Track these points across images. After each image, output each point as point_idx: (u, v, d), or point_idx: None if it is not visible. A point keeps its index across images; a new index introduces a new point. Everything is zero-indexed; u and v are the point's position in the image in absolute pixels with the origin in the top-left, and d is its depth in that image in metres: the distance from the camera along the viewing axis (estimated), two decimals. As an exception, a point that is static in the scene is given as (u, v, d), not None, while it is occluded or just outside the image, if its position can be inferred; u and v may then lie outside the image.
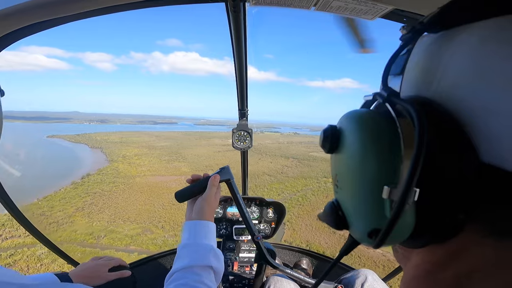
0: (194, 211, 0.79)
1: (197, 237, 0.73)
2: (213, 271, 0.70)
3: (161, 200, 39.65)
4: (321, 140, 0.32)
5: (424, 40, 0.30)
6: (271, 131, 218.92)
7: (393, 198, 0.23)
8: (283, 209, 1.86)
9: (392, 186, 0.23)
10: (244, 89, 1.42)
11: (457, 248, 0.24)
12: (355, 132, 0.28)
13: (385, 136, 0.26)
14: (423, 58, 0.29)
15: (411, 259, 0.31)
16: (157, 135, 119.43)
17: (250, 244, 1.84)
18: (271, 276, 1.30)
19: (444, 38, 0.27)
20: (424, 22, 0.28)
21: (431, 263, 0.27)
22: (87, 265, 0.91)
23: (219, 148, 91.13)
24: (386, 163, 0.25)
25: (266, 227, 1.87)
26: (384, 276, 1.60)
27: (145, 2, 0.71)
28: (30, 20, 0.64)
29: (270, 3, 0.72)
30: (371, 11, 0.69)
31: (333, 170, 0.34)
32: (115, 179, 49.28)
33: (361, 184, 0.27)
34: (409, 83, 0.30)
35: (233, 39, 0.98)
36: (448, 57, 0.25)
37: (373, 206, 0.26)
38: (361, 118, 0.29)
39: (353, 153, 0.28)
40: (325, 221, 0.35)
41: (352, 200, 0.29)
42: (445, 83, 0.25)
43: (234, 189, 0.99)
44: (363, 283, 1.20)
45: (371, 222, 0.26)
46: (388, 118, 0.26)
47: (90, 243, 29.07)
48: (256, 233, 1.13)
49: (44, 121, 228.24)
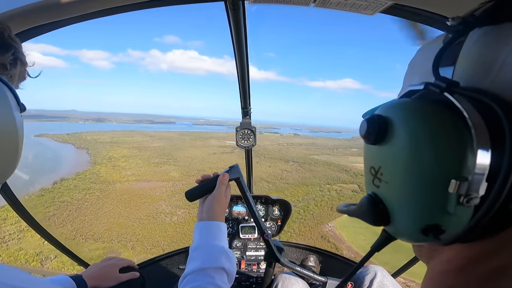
0: (205, 210, 0.80)
1: (209, 238, 0.74)
2: (226, 273, 0.70)
3: (139, 212, 34.21)
4: (364, 130, 0.31)
5: (473, 32, 0.29)
6: (271, 131, 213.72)
7: (461, 193, 0.22)
8: (289, 207, 1.85)
9: (462, 179, 0.22)
10: (247, 87, 1.41)
11: (498, 243, 0.24)
12: (410, 122, 0.26)
13: (449, 127, 0.24)
14: (477, 50, 0.28)
15: (443, 253, 0.29)
16: (152, 135, 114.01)
17: (256, 243, 1.83)
18: (279, 274, 1.30)
19: (498, 32, 0.26)
20: (476, 15, 0.27)
21: (467, 258, 0.26)
22: (99, 266, 0.93)
23: (215, 149, 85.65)
24: (452, 155, 0.23)
25: (272, 225, 1.87)
26: (393, 272, 1.59)
27: (147, 2, 0.72)
28: (35, 22, 0.66)
29: (269, 1, 0.72)
30: (371, 6, 0.68)
31: (373, 163, 0.32)
32: (91, 185, 43.76)
33: (418, 177, 0.25)
34: (461, 74, 0.29)
35: (233, 37, 0.99)
36: (508, 51, 0.24)
37: (433, 201, 0.24)
38: (415, 107, 0.27)
39: (407, 145, 0.26)
40: (360, 216, 0.33)
41: (402, 194, 0.28)
42: (504, 75, 0.24)
43: (243, 188, 1.00)
44: (373, 279, 1.19)
45: (428, 218, 0.25)
46: (448, 108, 0.25)
47: (33, 267, 23.19)
48: (266, 231, 1.13)
49: (39, 120, 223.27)
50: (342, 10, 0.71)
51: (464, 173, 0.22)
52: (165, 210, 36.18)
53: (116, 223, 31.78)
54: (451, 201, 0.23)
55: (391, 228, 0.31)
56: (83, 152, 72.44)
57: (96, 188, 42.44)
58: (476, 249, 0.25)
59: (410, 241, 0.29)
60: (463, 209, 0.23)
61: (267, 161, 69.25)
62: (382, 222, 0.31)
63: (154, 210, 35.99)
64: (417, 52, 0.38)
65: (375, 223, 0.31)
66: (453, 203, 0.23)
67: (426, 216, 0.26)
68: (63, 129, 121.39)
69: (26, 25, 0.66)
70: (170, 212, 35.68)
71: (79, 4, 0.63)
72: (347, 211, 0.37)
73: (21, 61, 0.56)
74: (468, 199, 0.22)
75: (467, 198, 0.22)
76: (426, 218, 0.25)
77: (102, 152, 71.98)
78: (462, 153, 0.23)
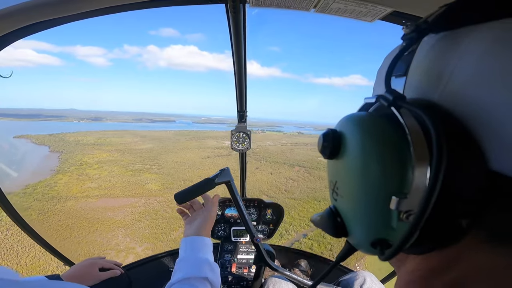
0: (193, 227, 0.85)
1: (193, 251, 0.79)
2: (209, 283, 0.74)
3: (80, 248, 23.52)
4: (320, 145, 0.31)
5: (427, 40, 0.28)
6: (274, 130, 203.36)
7: (401, 209, 0.22)
8: (282, 211, 1.83)
9: (401, 196, 0.22)
10: (243, 90, 1.42)
11: (454, 254, 0.24)
12: (358, 137, 0.27)
13: (392, 142, 0.24)
14: (428, 59, 0.27)
15: (406, 264, 0.30)
16: (144, 135, 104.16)
17: (248, 246, 1.82)
18: (269, 278, 1.30)
19: (451, 38, 0.25)
20: (429, 21, 0.26)
21: (427, 269, 0.27)
22: (79, 265, 0.94)
23: (210, 152, 75.16)
24: (394, 171, 0.23)
25: (264, 228, 1.86)
26: (382, 278, 1.61)
27: (147, 2, 0.72)
28: (32, 20, 0.65)
29: (270, 5, 0.74)
30: (371, 13, 0.69)
31: (331, 177, 0.33)
32: (32, 204, 33.27)
33: (364, 193, 0.26)
34: (413, 85, 0.29)
35: (232, 40, 1.01)
36: (456, 59, 0.23)
37: (378, 216, 0.25)
38: (364, 122, 0.27)
39: (355, 160, 0.27)
40: (322, 227, 0.34)
41: (353, 209, 0.28)
42: (453, 86, 0.23)
43: (234, 191, 1.02)
44: (362, 285, 1.20)
45: (375, 232, 0.26)
46: (394, 123, 0.25)
47: None
48: (256, 234, 1.15)
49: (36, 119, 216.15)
50: (342, 16, 0.72)
51: (404, 189, 0.23)
52: (119, 244, 25.19)
53: (34, 265, 21.10)
54: (393, 217, 0.24)
55: (350, 239, 0.32)
56: (55, 156, 62.39)
57: (36, 208, 31.91)
58: (435, 260, 0.26)
59: (366, 253, 0.29)
60: (405, 224, 0.23)
61: (269, 167, 58.47)
62: (342, 234, 0.31)
63: (104, 244, 25.12)
64: (384, 60, 0.38)
65: (336, 235, 0.32)
66: (395, 218, 0.24)
67: (374, 231, 0.26)
68: (53, 129, 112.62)
69: (19, 23, 0.65)
70: (126, 248, 24.72)
71: (76, 2, 0.62)
72: (313, 222, 0.37)
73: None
74: (408, 215, 0.22)
75: (407, 214, 0.22)
76: (374, 232, 0.26)
77: (77, 156, 62.00)
78: (402, 169, 0.23)
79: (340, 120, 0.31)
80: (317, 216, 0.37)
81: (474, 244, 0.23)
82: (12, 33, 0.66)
